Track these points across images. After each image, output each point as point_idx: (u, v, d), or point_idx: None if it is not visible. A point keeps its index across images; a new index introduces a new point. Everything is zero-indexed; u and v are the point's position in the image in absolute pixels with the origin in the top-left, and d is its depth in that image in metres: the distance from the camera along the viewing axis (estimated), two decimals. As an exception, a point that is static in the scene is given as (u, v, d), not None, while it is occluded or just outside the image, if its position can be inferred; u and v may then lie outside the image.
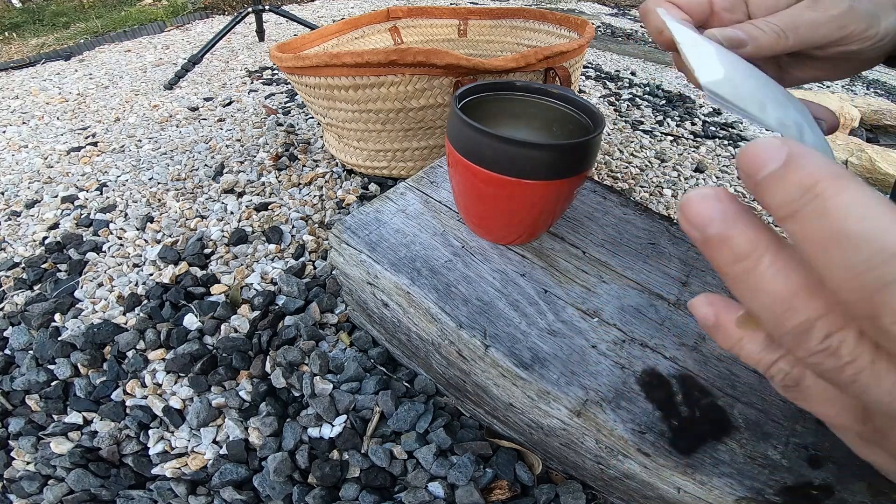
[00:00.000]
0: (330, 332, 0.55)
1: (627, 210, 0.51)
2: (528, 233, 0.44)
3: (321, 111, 0.71)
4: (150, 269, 0.62)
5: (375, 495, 0.41)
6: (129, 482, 0.43)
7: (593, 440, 0.35)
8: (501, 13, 0.99)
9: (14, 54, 1.59)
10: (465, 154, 0.38)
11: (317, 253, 0.66)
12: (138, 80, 1.26)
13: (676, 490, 0.32)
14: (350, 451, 0.43)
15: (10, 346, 0.53)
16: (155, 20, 1.84)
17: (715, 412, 0.34)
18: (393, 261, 0.43)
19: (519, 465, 0.43)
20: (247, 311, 0.56)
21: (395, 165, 0.75)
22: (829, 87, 1.41)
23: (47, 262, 0.63)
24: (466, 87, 0.42)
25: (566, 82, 0.69)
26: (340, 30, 0.89)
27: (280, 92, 1.16)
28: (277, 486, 0.41)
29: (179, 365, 0.49)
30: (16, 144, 0.94)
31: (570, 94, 0.43)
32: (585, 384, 0.35)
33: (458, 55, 0.61)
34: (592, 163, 0.39)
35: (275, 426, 0.45)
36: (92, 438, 0.45)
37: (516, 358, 0.37)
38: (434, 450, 0.43)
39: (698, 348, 0.38)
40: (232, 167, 0.84)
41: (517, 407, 0.39)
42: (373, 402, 0.47)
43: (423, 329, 0.43)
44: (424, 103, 0.66)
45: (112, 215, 0.72)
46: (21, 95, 1.18)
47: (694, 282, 0.44)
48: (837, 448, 0.33)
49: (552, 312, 0.40)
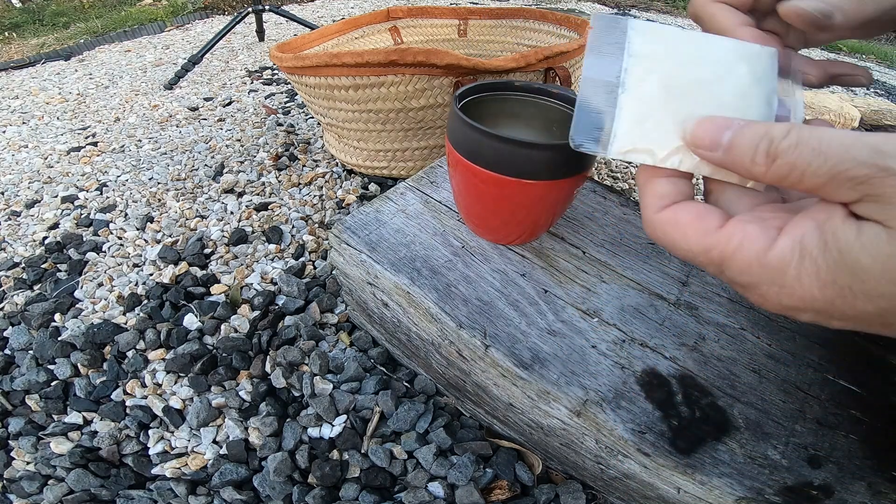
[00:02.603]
0: (330, 332, 0.55)
1: (627, 210, 0.51)
2: (528, 233, 0.44)
3: (321, 111, 0.71)
4: (150, 269, 0.62)
5: (375, 495, 0.41)
6: (129, 482, 0.43)
7: (593, 440, 0.35)
8: (501, 13, 0.99)
9: (14, 54, 1.60)
10: (465, 154, 0.38)
11: (317, 253, 0.66)
12: (138, 80, 1.26)
13: (676, 490, 0.32)
14: (350, 451, 0.43)
15: (10, 346, 0.53)
16: (155, 20, 1.84)
17: (715, 412, 0.34)
18: (393, 261, 0.43)
19: (519, 465, 0.43)
20: (247, 311, 0.56)
21: (395, 165, 0.75)
22: (831, 89, 1.42)
23: (47, 262, 0.63)
24: (466, 87, 0.42)
25: (566, 82, 0.69)
26: (340, 30, 0.89)
27: (280, 92, 1.16)
28: (277, 486, 0.41)
29: (179, 365, 0.49)
30: (16, 144, 0.94)
31: (570, 94, 0.43)
32: (585, 384, 0.35)
33: (458, 55, 0.61)
34: (592, 163, 0.39)
35: (275, 426, 0.45)
36: (92, 438, 0.45)
37: (516, 358, 0.37)
38: (434, 450, 0.43)
39: (698, 348, 0.38)
40: (232, 167, 0.84)
41: (517, 407, 0.39)
42: (373, 402, 0.47)
43: (423, 329, 0.43)
44: (424, 103, 0.66)
45: (112, 215, 0.72)
46: (21, 95, 1.18)
47: (694, 282, 0.44)
48: (837, 448, 0.33)
49: (552, 312, 0.40)
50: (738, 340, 0.39)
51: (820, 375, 0.37)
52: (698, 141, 0.24)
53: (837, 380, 0.37)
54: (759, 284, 0.22)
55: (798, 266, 0.20)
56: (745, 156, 0.21)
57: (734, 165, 0.22)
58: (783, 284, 0.21)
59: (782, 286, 0.21)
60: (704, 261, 0.23)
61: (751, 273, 0.22)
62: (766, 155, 0.21)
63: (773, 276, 0.21)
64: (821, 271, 0.20)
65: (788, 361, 0.38)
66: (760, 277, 0.22)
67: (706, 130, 0.23)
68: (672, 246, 0.25)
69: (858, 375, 0.38)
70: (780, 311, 0.23)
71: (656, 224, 0.25)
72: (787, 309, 0.22)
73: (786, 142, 0.20)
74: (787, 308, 0.22)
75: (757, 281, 0.22)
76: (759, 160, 0.21)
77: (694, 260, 0.24)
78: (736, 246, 0.22)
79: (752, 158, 0.21)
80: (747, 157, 0.21)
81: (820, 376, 0.37)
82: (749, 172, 0.22)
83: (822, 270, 0.20)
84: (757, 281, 0.22)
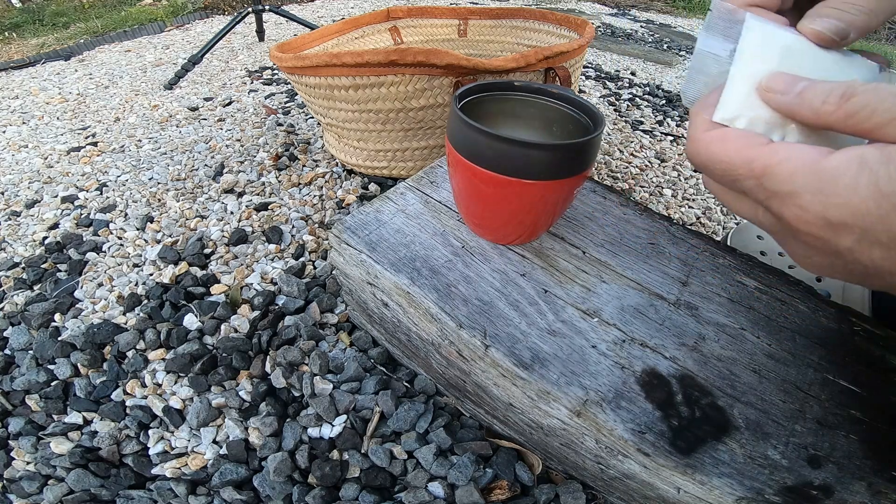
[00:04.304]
0: (330, 332, 0.55)
1: (627, 210, 0.51)
2: (528, 233, 0.44)
3: (321, 111, 0.71)
4: (150, 269, 0.62)
5: (375, 495, 0.41)
6: (129, 482, 0.43)
7: (593, 440, 0.35)
8: (501, 13, 0.99)
9: (14, 54, 1.59)
10: (465, 154, 0.38)
11: (317, 253, 0.66)
12: (138, 80, 1.26)
13: (676, 490, 0.32)
14: (350, 451, 0.43)
15: (10, 346, 0.53)
16: (155, 20, 1.84)
17: (715, 412, 0.34)
18: (393, 261, 0.43)
19: (519, 465, 0.43)
20: (247, 311, 0.56)
21: (395, 165, 0.75)
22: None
23: (47, 262, 0.63)
24: (466, 87, 0.42)
25: (566, 82, 0.69)
26: (340, 30, 0.89)
27: (280, 92, 1.16)
28: (277, 486, 0.41)
29: (179, 365, 0.49)
30: (16, 144, 0.94)
31: (570, 94, 0.43)
32: (585, 384, 0.35)
33: (458, 55, 0.61)
34: (592, 163, 0.39)
35: (275, 426, 0.45)
36: (92, 438, 0.45)
37: (516, 358, 0.37)
38: (434, 450, 0.43)
39: (698, 348, 0.38)
40: (232, 167, 0.84)
41: (517, 407, 0.39)
42: (373, 402, 0.47)
43: (423, 329, 0.43)
44: (424, 103, 0.66)
45: (112, 215, 0.72)
46: (21, 95, 1.18)
47: (694, 282, 0.44)
48: (837, 448, 0.33)
49: (552, 312, 0.40)
50: (738, 340, 0.39)
51: (820, 375, 0.37)
52: (773, 85, 0.24)
53: (837, 380, 0.37)
54: (801, 193, 0.21)
55: (856, 175, 0.20)
56: (818, 98, 0.22)
57: (803, 109, 0.23)
58: (833, 193, 0.20)
59: (831, 195, 0.20)
60: (744, 173, 0.23)
61: (794, 181, 0.21)
62: (841, 96, 0.21)
63: (822, 184, 0.21)
64: (881, 181, 0.19)
65: (788, 361, 0.38)
66: (806, 185, 0.21)
67: (782, 78, 0.24)
68: (710, 160, 0.25)
69: (858, 375, 0.38)
70: (816, 230, 0.22)
71: (701, 141, 0.25)
72: (829, 225, 0.21)
73: (862, 87, 0.21)
74: (828, 223, 0.21)
75: (800, 189, 0.21)
76: (832, 100, 0.22)
77: (731, 173, 0.24)
78: (783, 157, 0.22)
79: (823, 100, 0.22)
80: (818, 99, 0.22)
81: (820, 376, 0.37)
82: (817, 113, 0.22)
83: (883, 181, 0.19)
84: (800, 189, 0.21)
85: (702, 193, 0.92)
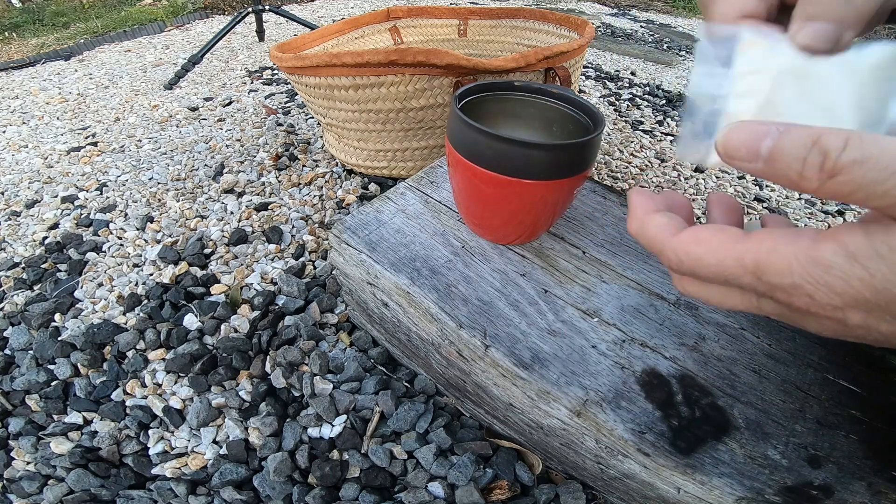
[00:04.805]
0: (330, 332, 0.55)
1: (627, 210, 0.51)
2: (528, 233, 0.44)
3: (321, 111, 0.71)
4: (150, 269, 0.62)
5: (375, 495, 0.41)
6: (129, 482, 0.43)
7: (593, 440, 0.35)
8: (501, 13, 0.99)
9: (14, 54, 1.59)
10: (465, 154, 0.38)
11: (317, 253, 0.66)
12: (138, 80, 1.26)
13: (676, 490, 0.32)
14: (350, 451, 0.43)
15: (10, 346, 0.53)
16: (155, 20, 1.84)
17: (715, 412, 0.34)
18: (393, 261, 0.43)
19: (519, 465, 0.43)
20: (247, 311, 0.56)
21: (395, 165, 0.75)
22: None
23: (47, 262, 0.63)
24: (466, 87, 0.42)
25: (566, 82, 0.69)
26: (340, 30, 0.89)
27: (280, 92, 1.16)
28: (277, 486, 0.41)
29: (179, 365, 0.49)
30: (16, 144, 0.94)
31: (569, 94, 0.43)
32: (585, 384, 0.35)
33: (458, 55, 0.61)
34: (592, 163, 0.39)
35: (275, 426, 0.45)
36: (92, 438, 0.45)
37: (516, 358, 0.37)
38: (434, 450, 0.43)
39: (698, 348, 0.38)
40: (232, 167, 0.84)
41: (517, 407, 0.39)
42: (373, 402, 0.47)
43: (423, 329, 0.43)
44: (424, 103, 0.66)
45: (112, 215, 0.72)
46: (21, 95, 1.18)
47: (694, 282, 0.44)
48: (837, 448, 0.33)
49: (552, 312, 0.40)
50: (738, 340, 0.39)
51: (820, 375, 0.37)
52: (732, 151, 0.21)
53: (837, 380, 0.37)
54: (803, 285, 0.20)
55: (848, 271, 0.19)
56: (792, 169, 0.19)
57: (778, 179, 0.20)
58: (833, 283, 0.19)
59: (832, 285, 0.20)
60: (739, 271, 0.22)
61: (792, 273, 0.20)
62: (821, 170, 0.18)
63: (820, 275, 0.20)
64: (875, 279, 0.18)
65: (788, 361, 0.38)
66: (805, 276, 0.20)
67: (740, 139, 0.20)
68: (698, 262, 0.23)
69: (858, 375, 0.38)
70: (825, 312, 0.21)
71: (677, 246, 0.24)
72: (837, 308, 0.20)
73: (846, 156, 0.17)
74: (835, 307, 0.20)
75: (801, 281, 0.20)
76: (810, 174, 0.18)
77: (726, 273, 0.22)
78: (769, 247, 0.21)
79: (800, 172, 0.19)
80: (793, 171, 0.19)
81: (820, 376, 0.37)
82: (797, 187, 0.19)
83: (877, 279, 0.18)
84: (801, 281, 0.20)
85: (701, 193, 0.92)
